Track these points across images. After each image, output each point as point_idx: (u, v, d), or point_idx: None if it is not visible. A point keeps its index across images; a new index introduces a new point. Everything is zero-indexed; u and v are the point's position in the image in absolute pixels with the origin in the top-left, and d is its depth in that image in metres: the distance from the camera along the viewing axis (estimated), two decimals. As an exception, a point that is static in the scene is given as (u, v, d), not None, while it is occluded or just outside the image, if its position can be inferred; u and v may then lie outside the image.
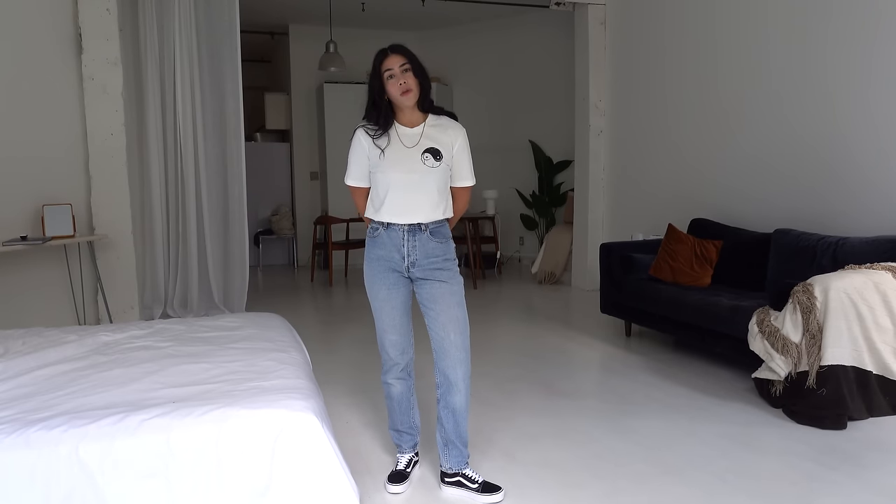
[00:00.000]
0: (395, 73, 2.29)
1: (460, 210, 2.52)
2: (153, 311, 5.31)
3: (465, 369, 2.39)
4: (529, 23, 7.90)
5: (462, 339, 2.38)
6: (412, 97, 2.32)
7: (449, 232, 2.47)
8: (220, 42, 5.39)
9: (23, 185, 4.53)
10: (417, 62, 2.34)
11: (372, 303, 2.50)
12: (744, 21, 4.79)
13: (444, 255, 2.42)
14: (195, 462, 1.82)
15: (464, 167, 2.44)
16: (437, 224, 2.40)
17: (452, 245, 2.47)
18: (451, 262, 2.44)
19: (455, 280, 2.42)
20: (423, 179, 2.34)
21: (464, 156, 2.43)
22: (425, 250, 2.38)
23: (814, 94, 4.27)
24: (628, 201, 6.23)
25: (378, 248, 2.43)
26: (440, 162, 2.34)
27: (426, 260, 2.39)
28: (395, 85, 2.30)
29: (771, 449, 2.76)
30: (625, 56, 6.17)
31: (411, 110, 2.37)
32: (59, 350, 2.54)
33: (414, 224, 2.36)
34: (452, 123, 2.43)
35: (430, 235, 2.38)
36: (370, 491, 2.42)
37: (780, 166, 4.53)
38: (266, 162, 8.54)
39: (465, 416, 2.44)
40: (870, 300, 3.04)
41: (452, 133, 2.40)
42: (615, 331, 4.82)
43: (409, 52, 2.34)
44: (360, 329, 5.04)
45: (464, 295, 2.44)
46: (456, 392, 2.40)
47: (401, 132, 2.37)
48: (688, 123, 5.40)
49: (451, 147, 2.39)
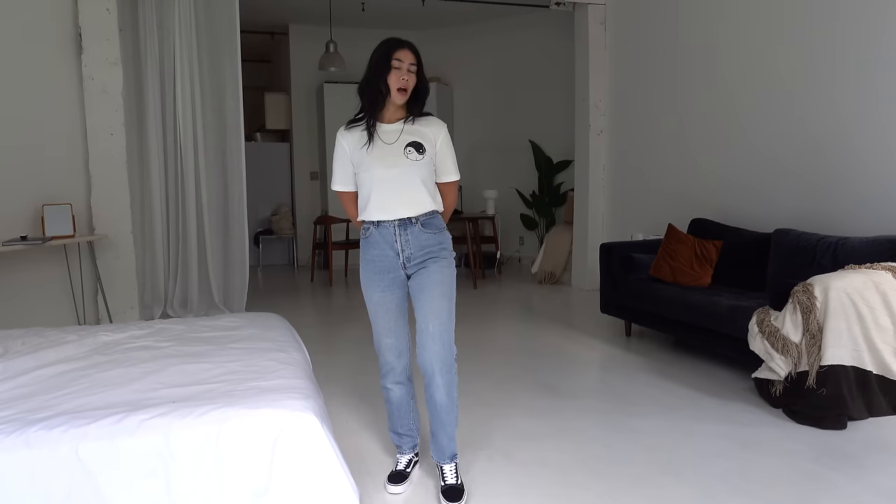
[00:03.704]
0: (402, 67, 2.28)
1: (449, 206, 2.49)
2: (153, 311, 5.31)
3: (441, 363, 2.31)
4: (529, 23, 7.90)
5: (440, 332, 2.31)
6: (404, 98, 2.31)
7: (442, 223, 2.43)
8: (220, 42, 5.39)
9: (23, 184, 4.54)
10: (423, 71, 2.36)
11: (367, 305, 2.47)
12: (744, 21, 4.79)
13: (440, 244, 2.39)
14: (195, 462, 1.82)
15: (447, 162, 2.41)
16: (428, 216, 2.37)
17: (448, 236, 2.43)
18: (446, 251, 2.40)
19: (444, 270, 2.37)
20: (406, 173, 2.31)
21: (447, 151, 2.40)
22: (419, 243, 2.35)
23: (815, 94, 4.27)
24: (628, 201, 6.23)
25: (371, 247, 2.40)
26: (423, 155, 2.32)
27: (420, 252, 2.36)
28: (398, 77, 2.28)
29: (771, 449, 2.76)
30: (625, 56, 6.16)
31: (395, 108, 2.35)
32: (59, 350, 2.54)
33: (403, 219, 2.34)
34: (433, 119, 2.41)
35: (422, 227, 2.35)
36: (370, 491, 2.42)
37: (780, 166, 4.53)
38: (266, 162, 8.54)
39: (447, 413, 2.37)
40: (870, 300, 3.04)
41: (435, 128, 2.38)
42: (615, 331, 4.82)
43: (420, 56, 2.35)
44: (360, 329, 5.04)
45: (453, 286, 2.38)
46: (434, 387, 2.34)
47: (381, 129, 2.35)
48: (688, 123, 5.40)
49: (434, 142, 2.36)
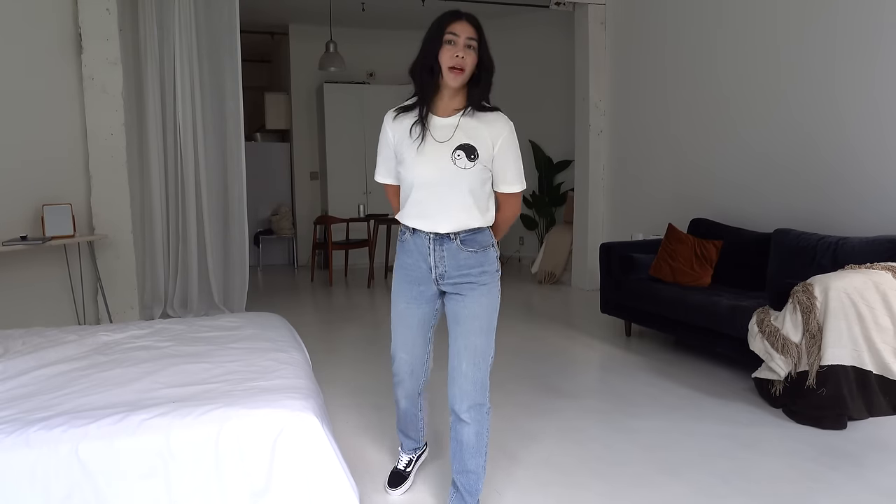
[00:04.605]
0: (458, 41, 1.94)
1: (508, 219, 2.16)
2: (153, 310, 5.31)
3: (470, 402, 2.07)
4: (529, 23, 7.90)
5: (474, 372, 2.06)
6: (460, 78, 1.96)
7: (489, 240, 2.09)
8: (220, 42, 5.39)
9: (23, 184, 4.54)
10: (487, 48, 1.99)
11: (392, 311, 2.26)
12: (744, 21, 4.79)
13: (481, 266, 2.07)
14: (195, 462, 1.82)
15: (508, 169, 2.05)
16: (471, 232, 2.05)
17: (492, 255, 2.09)
18: (488, 275, 2.08)
19: (485, 301, 2.07)
20: (452, 181, 1.99)
21: (509, 156, 2.03)
22: (456, 262, 2.05)
23: (815, 94, 4.27)
24: (628, 201, 6.23)
25: (405, 255, 2.15)
26: (474, 162, 1.98)
27: (457, 273, 2.07)
28: (450, 54, 1.94)
29: (771, 449, 2.76)
30: (625, 56, 6.17)
31: (451, 96, 2.02)
32: (59, 350, 2.54)
33: (442, 233, 2.04)
34: (497, 116, 2.03)
35: (461, 245, 2.04)
36: (370, 491, 2.41)
37: (780, 166, 4.53)
38: (266, 162, 8.55)
39: (472, 457, 2.10)
40: (870, 300, 3.04)
41: (497, 127, 2.01)
42: (615, 331, 4.82)
43: (482, 31, 1.99)
44: (360, 329, 5.04)
45: (492, 318, 2.10)
46: (461, 425, 2.11)
47: (433, 123, 2.01)
48: (688, 123, 5.40)
49: (493, 145, 2.01)
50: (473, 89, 2.02)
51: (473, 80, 2.01)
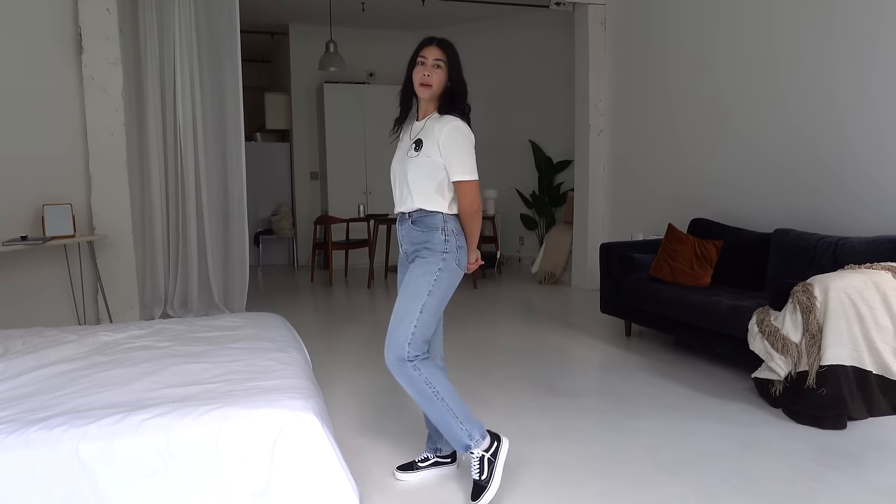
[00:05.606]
0: (426, 62, 2.32)
1: (464, 208, 2.36)
2: (153, 311, 5.31)
3: (390, 357, 2.26)
4: (529, 23, 7.91)
5: (394, 328, 2.26)
6: (427, 92, 2.32)
7: (439, 224, 2.33)
8: (220, 42, 5.39)
9: (23, 184, 4.54)
10: (457, 66, 2.34)
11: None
12: (744, 21, 4.79)
13: (425, 243, 2.33)
14: (195, 462, 1.82)
15: (451, 160, 2.30)
16: (423, 214, 2.33)
17: (440, 237, 2.32)
18: (429, 252, 2.32)
19: (418, 271, 2.30)
20: (406, 169, 2.35)
21: (449, 148, 2.29)
22: (410, 238, 2.39)
23: (815, 93, 4.27)
24: (628, 201, 6.23)
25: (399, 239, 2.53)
26: (419, 152, 2.32)
27: (412, 249, 2.39)
28: (420, 73, 2.32)
29: (771, 449, 2.76)
30: (625, 56, 6.17)
31: (426, 105, 2.38)
32: (59, 350, 2.54)
33: (403, 213, 2.41)
34: (449, 119, 2.32)
35: (412, 224, 2.36)
36: (370, 491, 2.41)
37: (780, 166, 4.53)
38: (266, 162, 8.55)
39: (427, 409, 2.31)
40: (870, 300, 3.04)
41: (443, 125, 2.31)
42: (615, 331, 4.82)
43: (451, 53, 2.35)
44: (360, 329, 5.05)
45: (421, 286, 2.28)
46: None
47: (413, 126, 2.41)
48: (688, 123, 5.40)
49: (437, 139, 2.29)
50: (446, 102, 2.36)
51: (447, 95, 2.36)
